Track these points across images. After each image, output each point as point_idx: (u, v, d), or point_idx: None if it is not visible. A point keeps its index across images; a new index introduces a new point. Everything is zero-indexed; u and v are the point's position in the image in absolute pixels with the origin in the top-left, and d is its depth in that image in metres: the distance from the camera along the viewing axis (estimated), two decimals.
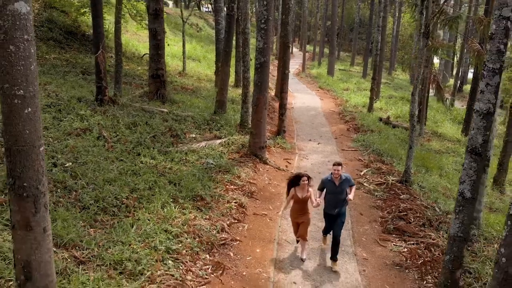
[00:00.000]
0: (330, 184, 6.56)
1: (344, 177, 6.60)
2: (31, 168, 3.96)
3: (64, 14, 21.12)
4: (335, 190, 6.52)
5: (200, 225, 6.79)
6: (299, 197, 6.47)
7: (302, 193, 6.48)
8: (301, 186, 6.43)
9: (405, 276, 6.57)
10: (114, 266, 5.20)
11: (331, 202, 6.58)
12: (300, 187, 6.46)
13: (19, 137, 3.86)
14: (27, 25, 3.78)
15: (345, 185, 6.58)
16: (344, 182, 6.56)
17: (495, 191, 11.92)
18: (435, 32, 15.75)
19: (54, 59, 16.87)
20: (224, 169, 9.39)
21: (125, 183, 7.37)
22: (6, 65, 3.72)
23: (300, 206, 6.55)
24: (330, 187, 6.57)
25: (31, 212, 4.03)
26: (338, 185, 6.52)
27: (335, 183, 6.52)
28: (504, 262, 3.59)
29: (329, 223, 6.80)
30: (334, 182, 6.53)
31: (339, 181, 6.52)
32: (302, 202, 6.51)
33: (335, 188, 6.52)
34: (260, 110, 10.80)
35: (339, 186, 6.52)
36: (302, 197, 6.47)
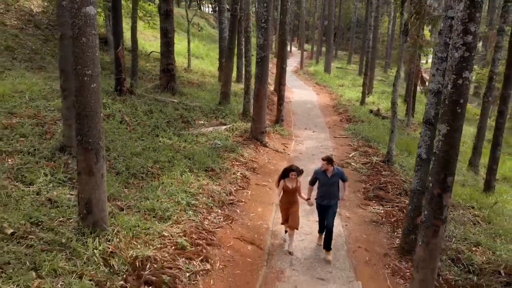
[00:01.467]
0: (323, 176, 6.68)
1: (337, 169, 6.77)
2: (94, 128, 5.42)
3: None
4: (328, 181, 6.64)
5: (212, 189, 8.25)
6: (289, 187, 6.73)
7: (291, 183, 6.74)
8: (290, 178, 6.73)
9: (380, 229, 8.03)
10: (148, 213, 6.65)
11: (324, 193, 6.69)
12: (289, 178, 6.74)
13: (87, 105, 5.32)
14: (94, 23, 5.24)
15: (338, 178, 6.71)
16: (337, 175, 6.69)
17: (470, 172, 13.38)
18: (420, 31, 17.21)
19: None
20: (230, 149, 10.84)
21: (149, 157, 8.82)
22: (79, 52, 5.18)
23: (290, 196, 6.79)
24: (322, 178, 6.69)
25: (93, 161, 5.49)
26: (330, 177, 6.64)
27: (328, 175, 6.65)
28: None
29: (321, 214, 6.89)
30: (326, 173, 6.66)
31: (332, 173, 6.65)
32: (292, 193, 6.77)
33: (327, 180, 6.64)
34: (260, 99, 12.25)
35: (331, 178, 6.64)
36: (292, 187, 6.73)
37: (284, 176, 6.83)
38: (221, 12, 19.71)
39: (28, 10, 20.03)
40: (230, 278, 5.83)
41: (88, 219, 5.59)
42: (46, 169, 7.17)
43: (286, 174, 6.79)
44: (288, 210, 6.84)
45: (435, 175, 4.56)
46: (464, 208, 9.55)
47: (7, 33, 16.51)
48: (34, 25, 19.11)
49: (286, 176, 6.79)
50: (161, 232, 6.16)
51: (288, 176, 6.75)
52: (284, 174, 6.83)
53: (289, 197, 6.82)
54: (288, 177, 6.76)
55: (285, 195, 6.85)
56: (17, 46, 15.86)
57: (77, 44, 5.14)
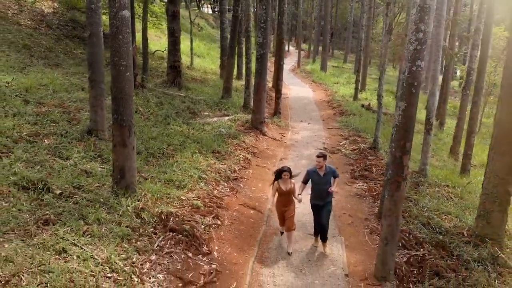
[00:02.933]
0: (316, 175, 6.72)
1: (329, 168, 6.83)
2: (128, 108, 6.71)
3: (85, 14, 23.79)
4: (320, 181, 6.68)
5: (218, 167, 9.55)
6: (283, 189, 6.69)
7: (285, 185, 6.71)
8: (283, 179, 6.72)
9: (363, 201, 9.35)
10: (167, 182, 7.94)
11: (317, 193, 6.74)
12: (282, 180, 6.72)
13: (122, 90, 6.61)
14: (128, 24, 6.54)
15: (330, 176, 6.77)
16: (329, 173, 6.75)
17: (450, 158, 14.72)
18: None
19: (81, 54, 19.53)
20: (233, 136, 12.15)
21: (163, 140, 10.11)
22: (116, 46, 6.47)
23: (285, 198, 6.77)
24: (315, 178, 6.73)
25: (127, 136, 6.78)
26: (323, 176, 6.69)
27: (320, 174, 6.69)
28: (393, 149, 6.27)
29: (316, 213, 6.90)
30: (319, 173, 6.70)
31: (324, 172, 6.71)
32: (287, 194, 6.74)
33: (320, 179, 6.68)
34: (260, 92, 13.56)
35: (324, 177, 6.69)
36: (286, 189, 6.71)
37: (277, 177, 6.80)
38: (222, 13, 21.00)
39: (39, 11, 21.27)
40: (236, 232, 7.14)
41: (121, 183, 6.88)
42: (78, 147, 8.47)
43: (279, 176, 6.76)
44: (284, 213, 6.82)
45: (396, 141, 5.87)
46: (440, 187, 10.87)
47: (22, 33, 17.78)
48: (46, 25, 20.37)
49: (279, 177, 6.76)
50: (179, 196, 7.47)
51: (281, 177, 6.72)
52: (277, 175, 6.80)
53: (283, 199, 6.79)
54: (281, 178, 6.73)
55: (279, 198, 6.82)
56: (33, 45, 17.10)
57: (115, 41, 6.43)
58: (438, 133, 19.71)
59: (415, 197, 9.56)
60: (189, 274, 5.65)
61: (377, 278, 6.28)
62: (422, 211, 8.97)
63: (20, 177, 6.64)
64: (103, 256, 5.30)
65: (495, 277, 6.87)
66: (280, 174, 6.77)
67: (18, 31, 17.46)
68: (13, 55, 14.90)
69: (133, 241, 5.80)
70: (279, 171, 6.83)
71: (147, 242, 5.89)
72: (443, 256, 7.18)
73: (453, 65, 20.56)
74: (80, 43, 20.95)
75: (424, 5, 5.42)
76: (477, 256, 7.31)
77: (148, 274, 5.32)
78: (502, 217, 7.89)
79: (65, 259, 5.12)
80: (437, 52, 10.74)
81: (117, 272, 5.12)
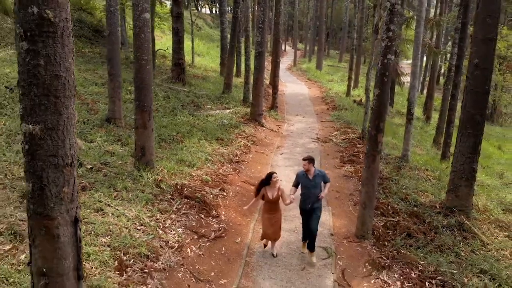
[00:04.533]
0: (304, 178, 6.50)
1: (318, 171, 6.61)
2: (148, 96, 7.94)
3: (90, 15, 24.86)
4: (309, 184, 6.46)
5: (222, 151, 10.79)
6: (270, 197, 6.39)
7: (272, 192, 6.39)
8: (272, 183, 6.38)
9: (350, 181, 10.60)
10: (179, 162, 9.17)
11: (306, 197, 6.51)
12: (270, 186, 6.39)
13: (143, 80, 7.84)
14: (148, 24, 7.77)
15: (320, 180, 6.54)
16: (318, 176, 6.52)
17: (433, 148, 16.02)
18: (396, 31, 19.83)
19: (89, 53, 20.66)
20: (234, 126, 13.38)
21: (172, 128, 11.33)
22: (139, 44, 7.70)
23: (272, 206, 6.49)
24: (304, 181, 6.50)
25: (147, 119, 8.01)
26: (312, 179, 6.46)
27: (309, 177, 6.47)
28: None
29: (305, 218, 6.66)
30: (308, 176, 6.48)
31: (313, 175, 6.48)
32: (274, 202, 6.46)
33: (309, 182, 6.46)
34: (258, 86, 14.80)
35: (313, 180, 6.46)
36: (273, 197, 6.40)
37: (265, 183, 6.46)
38: (222, 14, 22.20)
39: None
40: (239, 202, 8.39)
41: (142, 159, 8.10)
42: (100, 132, 9.68)
43: (267, 181, 6.45)
44: (271, 220, 6.51)
45: (372, 122, 7.13)
46: (420, 170, 12.13)
47: None
48: None
49: (267, 183, 6.44)
50: (190, 173, 8.70)
51: (269, 183, 6.41)
52: (265, 181, 6.48)
53: (270, 207, 6.52)
54: (269, 184, 6.42)
55: (266, 205, 6.56)
56: None
57: (137, 39, 7.65)
58: (425, 127, 21.03)
59: (396, 178, 10.82)
60: (202, 230, 6.90)
61: (357, 237, 7.53)
62: (402, 188, 10.22)
63: None
64: (132, 214, 6.53)
65: (460, 240, 8.13)
66: (269, 178, 6.42)
67: None
68: None
69: (156, 204, 7.04)
70: (268, 175, 6.49)
71: (167, 205, 7.12)
72: (416, 223, 8.45)
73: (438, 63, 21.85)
74: (87, 42, 22.09)
75: (393, 9, 6.67)
76: (445, 223, 8.57)
77: (169, 228, 6.56)
78: (468, 191, 9.16)
79: (102, 215, 6.35)
80: (417, 49, 12.01)
81: (145, 226, 6.36)
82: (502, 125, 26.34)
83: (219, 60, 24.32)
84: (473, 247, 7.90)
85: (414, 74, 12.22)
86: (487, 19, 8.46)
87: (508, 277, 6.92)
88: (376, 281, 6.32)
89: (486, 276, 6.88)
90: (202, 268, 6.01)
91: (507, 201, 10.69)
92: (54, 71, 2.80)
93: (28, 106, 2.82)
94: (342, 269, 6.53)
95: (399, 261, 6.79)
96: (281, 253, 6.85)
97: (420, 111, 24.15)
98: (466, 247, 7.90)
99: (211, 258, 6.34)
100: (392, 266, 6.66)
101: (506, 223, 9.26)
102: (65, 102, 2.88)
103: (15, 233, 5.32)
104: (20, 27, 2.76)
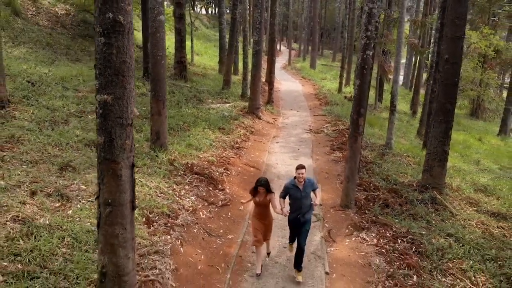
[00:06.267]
0: (294, 190, 6.19)
1: (308, 181, 6.25)
2: (162, 87, 9.20)
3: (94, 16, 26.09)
4: (300, 195, 6.16)
5: (224, 139, 12.04)
6: (257, 200, 6.25)
7: (259, 197, 6.23)
8: (259, 192, 6.22)
9: (338, 164, 11.90)
10: (188, 146, 10.41)
11: (296, 208, 6.22)
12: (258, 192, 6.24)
13: (159, 73, 9.09)
14: (163, 25, 9.01)
15: (310, 189, 6.26)
16: (308, 186, 6.22)
17: (417, 139, 17.37)
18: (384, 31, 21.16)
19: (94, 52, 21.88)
20: (234, 118, 14.65)
21: (179, 119, 12.57)
22: (155, 42, 8.95)
23: (261, 210, 6.30)
24: (294, 192, 6.20)
25: (161, 107, 9.26)
26: (302, 189, 6.16)
27: (299, 188, 6.16)
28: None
29: (293, 230, 6.45)
30: (298, 186, 6.17)
31: (303, 185, 6.17)
32: (262, 206, 6.26)
33: (299, 193, 6.16)
34: (256, 82, 16.08)
35: (303, 191, 6.16)
36: (260, 200, 6.21)
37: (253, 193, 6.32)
38: (221, 15, 23.44)
39: (54, 12, 23.52)
40: (241, 179, 9.66)
41: (157, 142, 9.34)
42: None
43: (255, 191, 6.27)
44: (260, 228, 6.32)
45: (354, 108, 8.43)
46: (402, 156, 13.46)
47: (43, 32, 20.08)
48: (61, 25, 22.64)
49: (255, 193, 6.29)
50: (197, 155, 9.96)
51: (257, 192, 6.23)
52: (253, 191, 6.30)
53: (259, 211, 6.33)
54: (257, 193, 6.25)
55: (255, 209, 6.42)
56: (54, 43, 19.40)
57: (154, 37, 8.89)
58: (411, 120, 22.41)
59: (379, 162, 12.13)
60: (211, 199, 8.16)
61: (342, 206, 8.82)
62: (384, 171, 11.53)
63: (81, 138, 9.08)
64: (153, 185, 7.77)
65: (432, 211, 9.42)
66: (255, 189, 6.23)
67: (40, 31, 19.75)
68: (40, 51, 17.20)
69: (171, 178, 8.29)
70: (255, 186, 6.24)
71: (181, 179, 8.38)
72: (394, 197, 9.74)
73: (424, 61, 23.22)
74: (93, 42, 23.24)
75: (371, 12, 7.97)
76: (420, 198, 9.86)
77: (184, 196, 7.81)
78: (441, 170, 10.47)
79: None
80: (399, 47, 13.34)
81: (164, 194, 7.60)
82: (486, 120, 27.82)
83: (217, 59, 25.58)
84: (443, 217, 9.17)
85: (396, 70, 13.56)
86: (455, 20, 9.78)
87: (471, 240, 8.19)
88: (356, 238, 7.61)
89: (452, 238, 8.16)
90: (213, 227, 7.28)
91: (480, 183, 11.99)
92: (122, 57, 4.04)
93: (103, 82, 4.06)
94: (328, 230, 7.82)
95: (376, 224, 8.08)
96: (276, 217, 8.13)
97: (408, 106, 25.58)
98: (437, 217, 9.18)
99: (219, 220, 7.61)
100: (370, 228, 7.95)
101: (476, 200, 10.54)
102: (128, 80, 4.12)
103: (61, 195, 6.54)
104: (99, 27, 4.00)
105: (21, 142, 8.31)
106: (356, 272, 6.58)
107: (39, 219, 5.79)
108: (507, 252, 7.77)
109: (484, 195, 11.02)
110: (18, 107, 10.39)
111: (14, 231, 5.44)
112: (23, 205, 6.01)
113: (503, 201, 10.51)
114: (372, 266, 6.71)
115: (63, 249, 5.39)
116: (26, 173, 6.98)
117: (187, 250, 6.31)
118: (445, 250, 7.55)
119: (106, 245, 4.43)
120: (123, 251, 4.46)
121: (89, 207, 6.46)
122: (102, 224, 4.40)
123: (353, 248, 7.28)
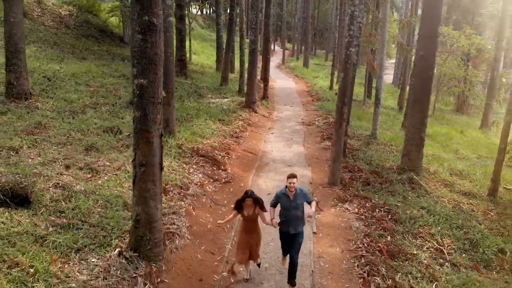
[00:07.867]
0: (285, 199, 5.91)
1: (300, 191, 5.94)
2: (171, 80, 10.44)
3: (96, 16, 27.11)
4: (290, 205, 5.88)
5: (224, 129, 13.29)
6: (245, 214, 5.92)
7: (247, 210, 5.90)
8: (246, 206, 5.86)
9: (327, 151, 13.15)
10: (192, 133, 11.64)
11: (286, 219, 5.92)
12: (245, 205, 5.87)
13: (168, 68, 10.30)
14: (172, 25, 10.23)
15: (301, 200, 5.94)
16: (300, 197, 5.91)
17: (401, 131, 18.71)
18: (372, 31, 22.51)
19: (98, 50, 22.95)
20: (232, 111, 15.90)
21: (182, 111, 13.78)
22: (165, 40, 10.12)
23: (248, 224, 5.97)
24: (284, 201, 5.92)
25: (170, 97, 10.52)
26: (292, 199, 5.88)
27: (290, 198, 5.88)
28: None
29: (285, 243, 6.13)
30: (288, 196, 5.88)
31: (294, 194, 5.88)
32: (250, 221, 5.94)
33: (289, 203, 5.88)
34: (252, 78, 17.35)
35: (293, 201, 5.88)
36: (248, 214, 5.90)
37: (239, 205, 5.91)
38: (218, 15, 24.64)
39: (58, 13, 24.57)
40: (241, 162, 10.93)
41: (166, 129, 10.55)
42: (128, 111, 12.09)
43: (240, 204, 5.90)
44: (247, 243, 5.98)
45: (339, 97, 9.71)
46: (386, 145, 14.79)
47: (49, 32, 21.17)
48: (65, 26, 23.71)
49: (240, 207, 5.90)
50: (201, 141, 11.20)
51: (243, 206, 5.87)
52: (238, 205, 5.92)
53: (247, 226, 6.00)
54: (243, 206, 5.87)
55: (243, 223, 6.06)
56: (60, 42, 20.48)
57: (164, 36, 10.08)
58: (397, 115, 23.76)
59: (365, 150, 13.44)
60: (215, 177, 9.42)
61: (329, 184, 10.10)
62: (368, 156, 12.84)
63: (100, 125, 10.28)
64: (166, 164, 8.97)
65: (409, 189, 10.69)
66: (241, 202, 5.86)
67: (46, 31, 20.84)
68: (49, 50, 18.30)
69: (181, 159, 9.52)
70: (241, 198, 5.86)
71: (189, 160, 9.62)
72: (375, 177, 11.05)
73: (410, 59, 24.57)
74: (95, 41, 24.36)
75: (353, 14, 9.26)
76: (399, 178, 11.15)
77: (192, 173, 9.05)
78: (418, 154, 11.74)
79: None
80: (383, 45, 14.67)
81: (176, 171, 8.83)
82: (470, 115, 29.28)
83: (213, 58, 26.79)
84: (419, 194, 10.42)
85: (380, 66, 14.89)
86: (429, 20, 11.09)
87: (441, 212, 9.44)
88: (340, 208, 8.90)
89: (424, 210, 9.43)
90: (218, 198, 8.54)
91: (456, 168, 13.29)
92: (154, 50, 5.29)
93: (140, 69, 5.30)
94: (316, 201, 9.08)
95: (358, 197, 9.37)
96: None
97: (396, 102, 26.99)
98: (413, 194, 10.43)
99: (223, 193, 8.86)
100: (353, 200, 9.24)
101: (451, 182, 11.82)
102: (159, 68, 5.36)
103: (91, 168, 7.75)
104: (138, 26, 5.24)
105: (48, 128, 9.50)
106: (339, 232, 7.86)
107: (75, 186, 6.99)
108: (472, 222, 9.07)
109: (459, 178, 12.26)
110: (39, 99, 11.57)
111: (56, 194, 6.64)
112: (60, 175, 7.21)
113: (475, 183, 11.78)
114: (352, 228, 7.99)
115: (98, 208, 6.60)
116: (58, 152, 8.18)
117: (198, 213, 7.56)
118: (417, 219, 8.81)
119: (140, 198, 5.66)
120: (153, 203, 5.70)
121: (115, 179, 7.68)
122: (137, 181, 5.64)
123: (337, 215, 8.56)
